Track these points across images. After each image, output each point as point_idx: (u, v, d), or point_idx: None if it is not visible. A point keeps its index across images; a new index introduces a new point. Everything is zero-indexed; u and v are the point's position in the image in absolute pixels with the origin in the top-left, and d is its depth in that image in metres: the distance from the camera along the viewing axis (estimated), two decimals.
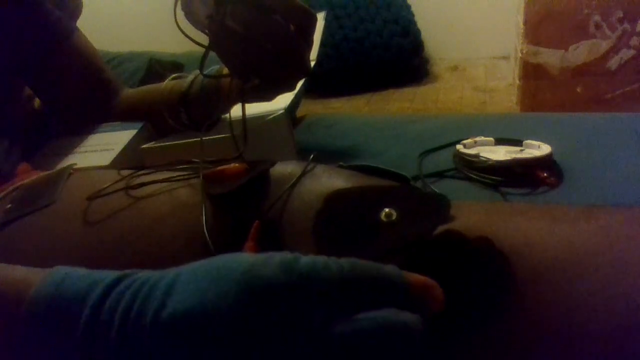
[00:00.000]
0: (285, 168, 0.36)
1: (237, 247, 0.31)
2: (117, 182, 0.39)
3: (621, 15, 1.47)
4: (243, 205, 0.34)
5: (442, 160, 0.66)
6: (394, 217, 0.30)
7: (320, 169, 0.36)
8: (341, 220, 0.31)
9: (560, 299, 0.27)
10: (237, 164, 0.36)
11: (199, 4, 0.50)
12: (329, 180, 0.34)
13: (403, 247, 0.30)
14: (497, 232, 0.29)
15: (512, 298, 0.28)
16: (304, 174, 0.35)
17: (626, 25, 1.48)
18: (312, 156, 0.37)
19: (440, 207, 0.31)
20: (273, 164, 0.37)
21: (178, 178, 0.38)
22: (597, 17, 1.49)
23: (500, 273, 0.28)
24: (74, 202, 0.39)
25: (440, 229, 0.30)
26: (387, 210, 0.31)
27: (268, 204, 0.34)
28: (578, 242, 0.28)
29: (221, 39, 0.48)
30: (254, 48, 0.47)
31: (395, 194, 0.33)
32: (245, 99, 0.50)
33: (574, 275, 0.27)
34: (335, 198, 0.32)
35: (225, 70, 0.58)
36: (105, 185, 0.38)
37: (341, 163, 0.39)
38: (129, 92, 0.72)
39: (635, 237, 0.28)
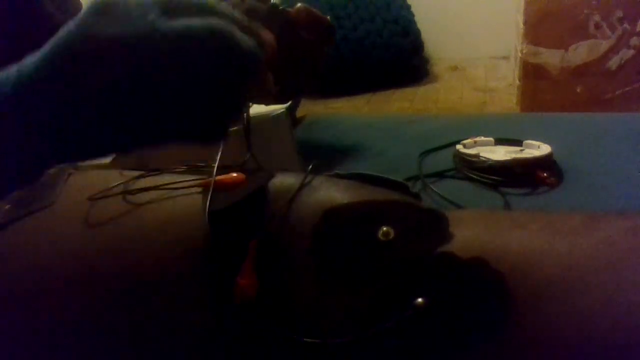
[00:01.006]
0: (283, 181, 0.35)
1: (234, 264, 0.31)
2: (117, 185, 0.39)
3: (621, 15, 1.47)
4: (240, 221, 0.33)
5: (442, 160, 0.66)
6: (391, 236, 0.30)
7: (318, 181, 0.35)
8: (339, 238, 0.31)
9: (560, 319, 0.27)
10: (235, 174, 0.36)
11: None
12: (326, 193, 0.34)
13: (400, 268, 0.29)
14: (495, 250, 0.29)
15: (509, 320, 0.28)
16: (301, 188, 0.34)
17: (626, 25, 1.48)
18: (310, 167, 0.36)
19: (438, 224, 0.31)
20: (272, 176, 0.36)
21: (178, 186, 0.37)
22: (597, 17, 1.49)
23: (497, 296, 0.28)
24: (73, 204, 0.39)
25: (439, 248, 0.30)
26: (384, 228, 0.30)
27: (265, 220, 0.33)
28: (578, 258, 0.28)
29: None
30: (280, 61, 0.49)
31: (393, 210, 0.32)
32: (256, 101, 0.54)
33: (574, 293, 0.27)
34: (332, 216, 0.32)
35: None
36: (108, 186, 0.38)
37: (337, 171, 0.38)
38: None
39: (636, 251, 0.28)
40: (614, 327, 0.26)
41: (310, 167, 0.36)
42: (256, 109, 0.67)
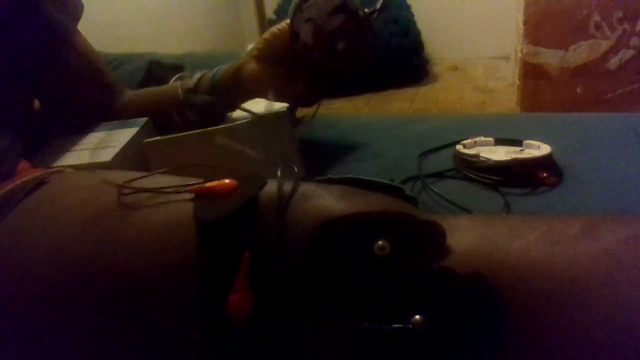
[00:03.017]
0: (275, 189, 0.34)
1: (227, 278, 0.30)
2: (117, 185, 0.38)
3: (621, 15, 1.47)
4: (232, 233, 0.33)
5: (442, 160, 0.66)
6: (387, 251, 0.30)
7: (310, 188, 0.34)
8: (333, 255, 0.31)
9: (559, 336, 0.27)
10: (227, 180, 0.35)
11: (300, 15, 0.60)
12: (319, 203, 0.33)
13: (397, 284, 0.29)
14: (493, 263, 0.29)
15: (509, 337, 0.27)
16: (291, 197, 0.33)
17: (626, 25, 1.48)
18: (298, 174, 0.35)
19: (435, 237, 0.31)
20: (264, 183, 0.35)
21: (170, 190, 0.36)
22: (597, 17, 1.49)
23: (495, 312, 0.28)
24: (69, 204, 0.38)
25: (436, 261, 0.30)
26: (380, 243, 0.30)
27: (258, 233, 0.32)
28: (578, 271, 0.28)
29: (313, 38, 0.58)
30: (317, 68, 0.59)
31: (388, 222, 0.32)
32: (306, 103, 0.65)
33: (574, 309, 0.27)
34: (325, 232, 0.31)
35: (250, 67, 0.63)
36: (106, 187, 0.38)
37: (330, 175, 0.37)
38: (133, 95, 0.72)
39: (637, 263, 0.27)
40: (614, 345, 0.26)
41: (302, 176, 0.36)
42: (261, 110, 0.67)
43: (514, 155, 0.61)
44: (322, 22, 0.58)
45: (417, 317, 0.28)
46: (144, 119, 0.64)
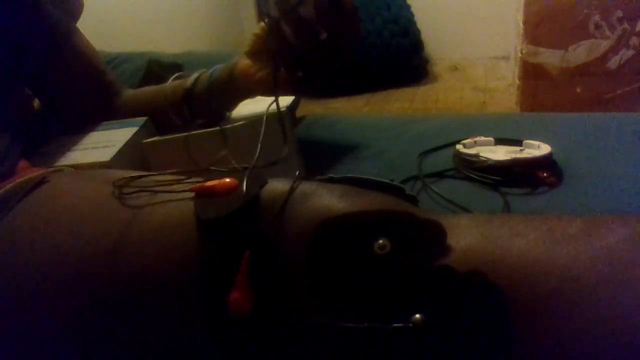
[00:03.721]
0: (276, 187, 0.34)
1: (228, 276, 0.30)
2: (115, 184, 0.38)
3: (621, 15, 1.47)
4: (233, 231, 0.33)
5: (442, 160, 0.66)
6: (387, 249, 0.30)
7: (310, 187, 0.34)
8: (333, 254, 0.31)
9: (559, 335, 0.27)
10: (228, 179, 0.35)
11: None
12: (320, 202, 0.33)
13: (397, 282, 0.29)
14: (494, 262, 0.29)
15: (509, 336, 0.27)
16: (290, 195, 0.33)
17: (626, 25, 1.48)
18: (300, 174, 0.36)
19: (436, 235, 0.31)
20: (265, 182, 0.35)
21: (171, 190, 0.37)
22: (596, 17, 1.49)
23: (496, 311, 0.28)
24: (69, 203, 0.38)
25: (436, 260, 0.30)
26: (380, 241, 0.30)
27: (259, 231, 0.32)
28: (578, 270, 0.28)
29: (287, 23, 0.55)
30: (316, 37, 0.55)
31: (389, 221, 0.31)
32: (292, 90, 0.60)
33: (573, 308, 0.27)
34: (325, 230, 0.31)
35: (244, 65, 0.61)
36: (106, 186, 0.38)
37: (331, 175, 0.37)
38: (131, 94, 0.72)
39: (636, 263, 0.27)
40: (615, 344, 0.26)
41: (302, 174, 0.36)
42: (260, 110, 0.67)
43: (514, 155, 0.61)
44: None
45: (418, 315, 0.28)
46: (143, 119, 0.64)
